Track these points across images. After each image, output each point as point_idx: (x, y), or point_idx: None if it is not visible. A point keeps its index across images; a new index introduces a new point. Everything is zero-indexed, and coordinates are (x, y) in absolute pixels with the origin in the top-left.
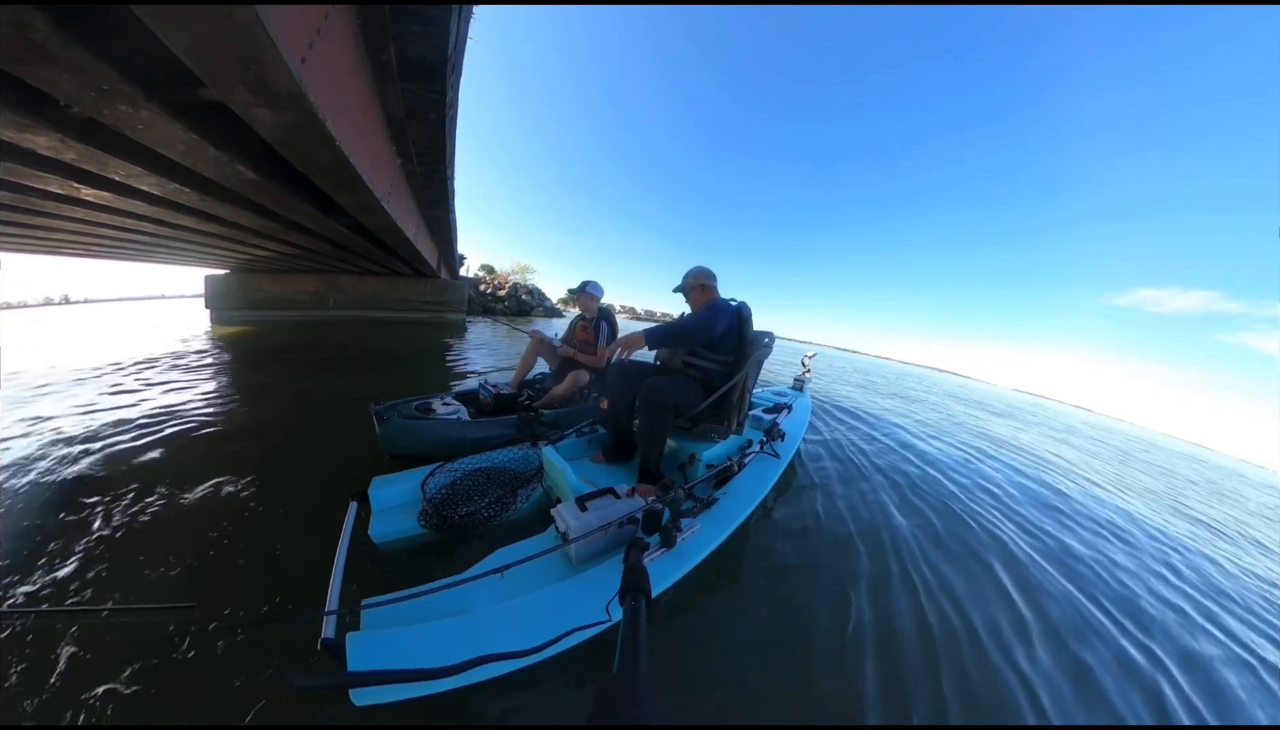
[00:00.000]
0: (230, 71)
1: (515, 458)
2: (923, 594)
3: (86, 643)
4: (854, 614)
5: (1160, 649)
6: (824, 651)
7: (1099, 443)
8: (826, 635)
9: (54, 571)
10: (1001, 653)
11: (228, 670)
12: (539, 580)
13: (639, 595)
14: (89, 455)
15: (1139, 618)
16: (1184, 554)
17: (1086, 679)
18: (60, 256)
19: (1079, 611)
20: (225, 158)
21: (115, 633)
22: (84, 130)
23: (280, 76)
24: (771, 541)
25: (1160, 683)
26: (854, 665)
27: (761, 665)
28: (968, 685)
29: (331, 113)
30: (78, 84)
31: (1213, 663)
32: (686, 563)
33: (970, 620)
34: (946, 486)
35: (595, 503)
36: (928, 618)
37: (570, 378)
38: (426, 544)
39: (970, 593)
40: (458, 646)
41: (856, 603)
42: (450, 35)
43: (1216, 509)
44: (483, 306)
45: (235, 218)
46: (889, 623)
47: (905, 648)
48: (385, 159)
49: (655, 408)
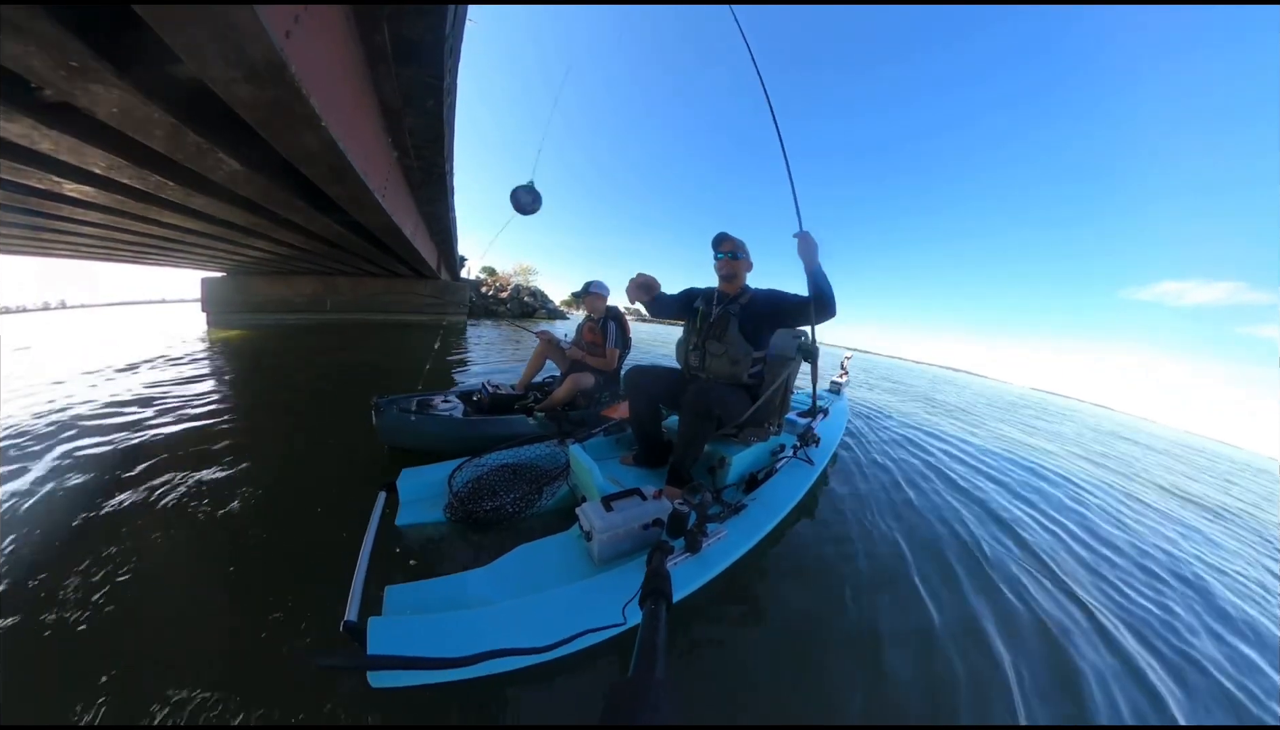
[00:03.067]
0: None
1: (542, 455)
2: (962, 635)
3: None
4: (887, 644)
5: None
6: (847, 677)
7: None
8: (853, 658)
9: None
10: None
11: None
12: (561, 578)
13: (660, 599)
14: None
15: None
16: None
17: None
18: (51, 258)
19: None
20: (207, 145)
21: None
22: (58, 116)
23: (259, 46)
24: (799, 553)
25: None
26: (882, 696)
27: (780, 684)
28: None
29: (318, 91)
30: (46, 62)
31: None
32: (710, 569)
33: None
34: (1004, 504)
35: (621, 503)
36: (969, 663)
37: (569, 381)
38: (451, 535)
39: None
40: (475, 638)
41: (890, 634)
42: (448, 13)
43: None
44: (484, 309)
45: (226, 215)
46: (928, 657)
47: (946, 693)
48: (380, 151)
49: (701, 418)
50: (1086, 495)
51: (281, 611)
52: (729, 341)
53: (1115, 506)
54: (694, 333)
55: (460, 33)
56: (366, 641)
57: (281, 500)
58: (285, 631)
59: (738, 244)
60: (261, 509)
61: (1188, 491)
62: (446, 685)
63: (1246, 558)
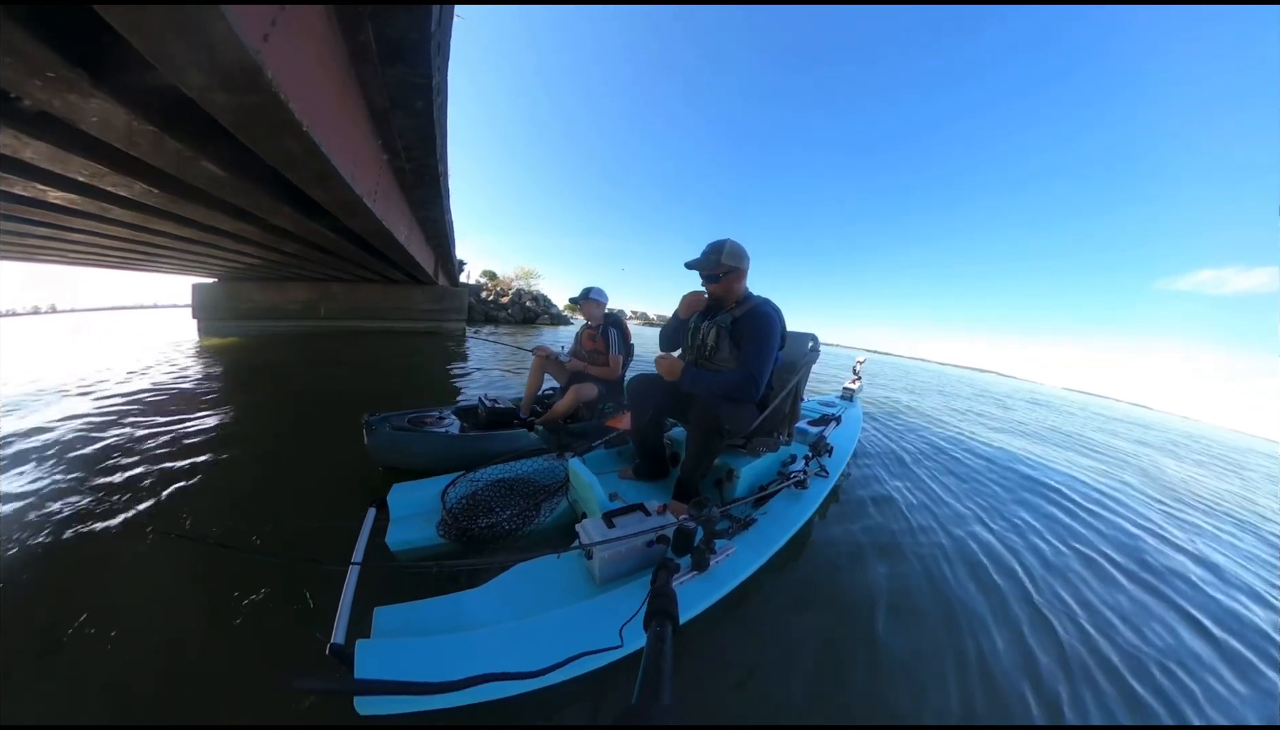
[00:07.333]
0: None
1: (540, 469)
2: (989, 667)
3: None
4: (915, 670)
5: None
6: (871, 704)
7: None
8: (877, 683)
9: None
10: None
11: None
12: (560, 598)
13: (666, 620)
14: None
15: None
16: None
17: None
18: (37, 263)
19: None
20: (189, 152)
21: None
22: (39, 125)
23: (233, 52)
24: (814, 569)
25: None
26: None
27: (796, 710)
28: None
29: (298, 95)
30: (19, 71)
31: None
32: (719, 588)
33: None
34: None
35: (623, 519)
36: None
37: (572, 392)
38: (444, 554)
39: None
40: (467, 661)
41: (908, 648)
42: (433, 10)
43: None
44: (485, 314)
45: (212, 221)
46: (940, 680)
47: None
48: (369, 154)
49: (710, 433)
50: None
51: (264, 634)
52: (720, 362)
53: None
54: (688, 350)
55: (448, 30)
56: (354, 665)
57: (267, 518)
58: (267, 656)
59: (722, 258)
60: (246, 527)
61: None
62: (438, 713)
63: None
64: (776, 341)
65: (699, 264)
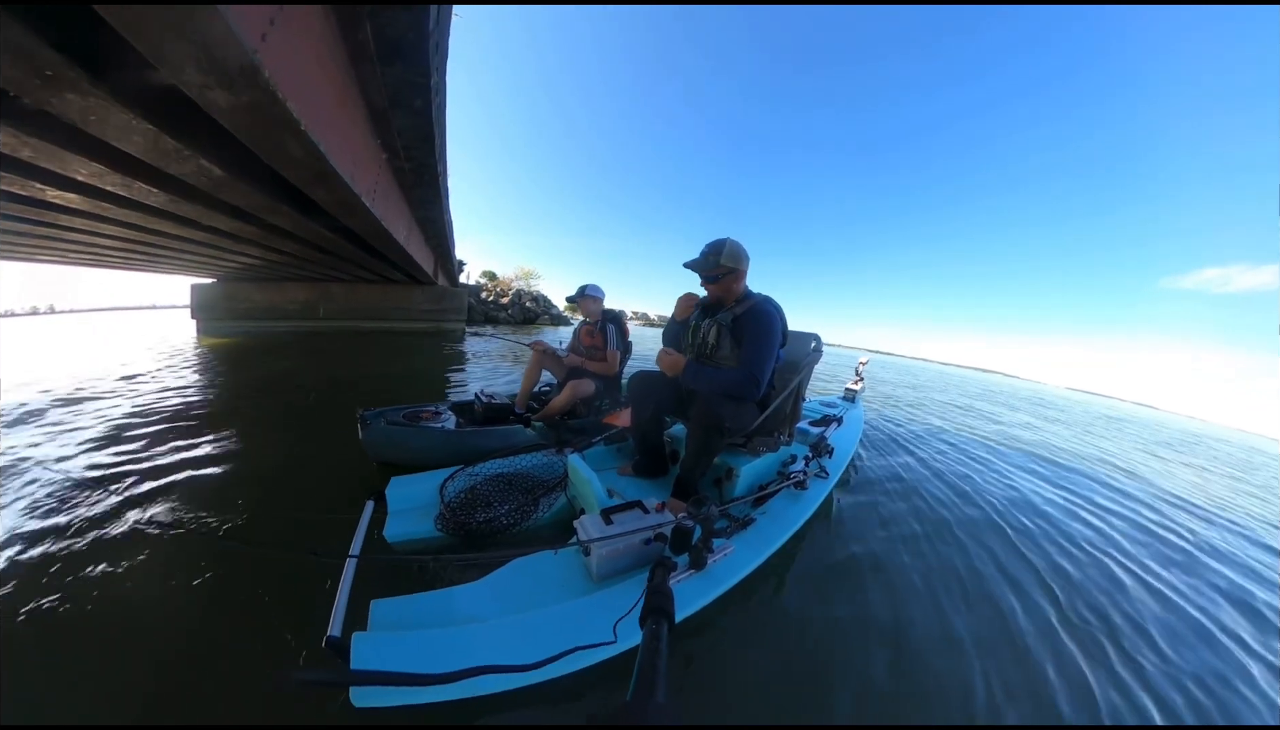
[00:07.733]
0: (178, 47)
1: (539, 464)
2: (972, 650)
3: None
4: (902, 662)
5: None
6: (868, 707)
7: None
8: (868, 684)
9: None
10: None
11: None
12: (556, 594)
13: (661, 618)
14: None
15: None
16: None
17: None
18: (36, 263)
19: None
20: (189, 152)
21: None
22: (37, 124)
23: (231, 51)
24: (813, 570)
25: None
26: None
27: (792, 711)
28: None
29: (297, 94)
30: (18, 70)
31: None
32: (717, 587)
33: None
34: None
35: (621, 516)
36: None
37: (569, 388)
38: (442, 548)
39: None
40: (462, 654)
41: (906, 648)
42: (430, 9)
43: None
44: (485, 315)
45: (211, 221)
46: (932, 678)
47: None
48: (368, 153)
49: (711, 430)
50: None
51: (261, 627)
52: (721, 360)
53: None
54: (690, 348)
55: (447, 29)
56: (350, 657)
57: (265, 513)
58: (264, 648)
59: (721, 259)
60: (244, 522)
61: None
62: (433, 706)
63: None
64: (777, 339)
65: (697, 265)
